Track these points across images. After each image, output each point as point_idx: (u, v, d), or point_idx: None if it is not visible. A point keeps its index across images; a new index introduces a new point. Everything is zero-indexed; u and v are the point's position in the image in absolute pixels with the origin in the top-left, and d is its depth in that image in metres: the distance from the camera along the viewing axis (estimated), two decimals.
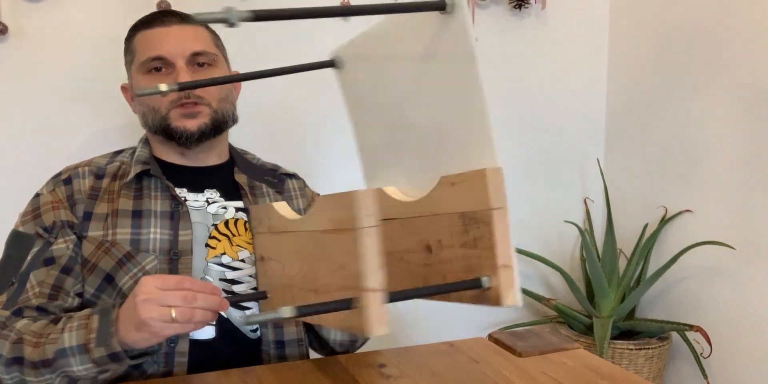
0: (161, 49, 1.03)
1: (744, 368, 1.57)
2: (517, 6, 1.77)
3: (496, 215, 0.59)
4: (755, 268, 1.53)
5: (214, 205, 1.06)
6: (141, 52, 1.05)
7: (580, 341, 1.73)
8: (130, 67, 1.08)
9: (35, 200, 1.03)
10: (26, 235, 0.98)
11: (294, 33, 1.62)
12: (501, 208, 0.59)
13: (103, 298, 0.98)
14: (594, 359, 0.93)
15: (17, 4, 1.40)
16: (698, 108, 1.66)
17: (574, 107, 1.93)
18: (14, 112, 1.44)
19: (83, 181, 1.03)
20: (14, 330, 0.89)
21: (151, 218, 1.01)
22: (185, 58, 1.04)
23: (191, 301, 0.77)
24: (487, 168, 0.59)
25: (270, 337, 1.03)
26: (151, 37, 1.05)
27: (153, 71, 1.04)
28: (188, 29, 1.06)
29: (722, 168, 1.60)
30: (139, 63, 1.05)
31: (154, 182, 1.04)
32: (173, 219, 1.02)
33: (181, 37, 1.05)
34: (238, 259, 1.04)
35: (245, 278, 1.03)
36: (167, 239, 1.00)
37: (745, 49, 1.53)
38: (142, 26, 1.07)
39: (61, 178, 1.04)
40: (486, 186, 0.59)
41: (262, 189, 1.12)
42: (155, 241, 1.00)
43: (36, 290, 0.94)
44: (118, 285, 0.97)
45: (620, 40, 1.90)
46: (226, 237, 1.04)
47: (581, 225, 1.96)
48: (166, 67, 1.04)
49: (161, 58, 1.03)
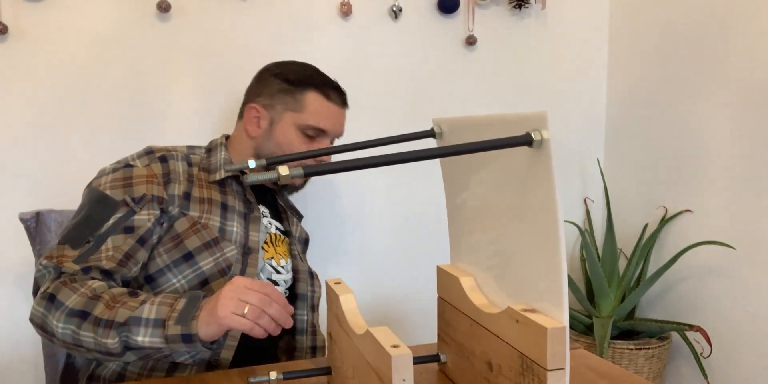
0: (330, 127, 1.20)
1: (744, 368, 1.57)
2: (517, 6, 1.77)
3: (551, 377, 0.60)
4: (755, 268, 1.53)
5: (265, 219, 1.21)
6: (313, 116, 1.18)
7: (580, 341, 1.73)
8: (285, 109, 1.19)
9: (127, 170, 1.07)
10: (113, 200, 1.03)
11: (290, 33, 1.62)
12: (560, 369, 0.60)
13: (175, 272, 1.06)
14: (594, 359, 0.93)
15: (17, 4, 1.40)
16: (698, 108, 1.66)
17: (574, 107, 1.93)
18: (14, 111, 1.44)
19: (178, 163, 1.12)
20: (88, 287, 0.92)
21: (234, 213, 1.13)
22: (336, 138, 1.25)
23: (266, 306, 0.85)
24: (549, 328, 0.60)
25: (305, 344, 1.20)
26: (330, 112, 1.20)
27: (308, 134, 1.19)
28: (345, 115, 1.25)
29: (722, 168, 1.60)
30: (305, 122, 1.18)
31: (234, 185, 1.17)
32: (246, 219, 1.15)
33: (342, 122, 1.24)
34: (280, 265, 1.19)
35: (282, 282, 1.19)
36: (243, 235, 1.13)
37: (745, 49, 1.53)
38: (321, 90, 1.19)
39: (156, 155, 1.11)
40: (545, 344, 0.60)
41: (292, 218, 1.29)
42: (236, 234, 1.12)
43: (110, 253, 0.99)
44: (197, 263, 1.06)
45: (620, 40, 1.90)
46: (272, 245, 1.19)
47: (581, 225, 1.96)
48: (318, 137, 1.20)
49: (324, 132, 1.20)
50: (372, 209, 1.75)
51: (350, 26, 1.66)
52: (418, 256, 1.79)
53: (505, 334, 0.68)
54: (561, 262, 0.61)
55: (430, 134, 0.85)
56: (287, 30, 1.61)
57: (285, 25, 1.61)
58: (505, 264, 0.73)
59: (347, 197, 1.72)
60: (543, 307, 0.64)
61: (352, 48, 1.67)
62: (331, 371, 0.86)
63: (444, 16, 1.74)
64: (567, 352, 0.60)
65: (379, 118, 1.72)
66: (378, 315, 1.80)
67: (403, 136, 0.82)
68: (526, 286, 0.68)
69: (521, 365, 0.65)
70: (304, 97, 1.18)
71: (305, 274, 1.24)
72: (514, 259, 0.70)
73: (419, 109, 1.75)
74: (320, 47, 1.64)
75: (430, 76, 1.75)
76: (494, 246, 0.75)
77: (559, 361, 0.60)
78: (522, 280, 0.69)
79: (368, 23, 1.68)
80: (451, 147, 0.62)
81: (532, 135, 0.61)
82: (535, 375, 0.62)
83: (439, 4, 1.71)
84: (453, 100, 1.79)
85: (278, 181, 0.57)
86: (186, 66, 1.54)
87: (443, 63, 1.76)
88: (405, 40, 1.72)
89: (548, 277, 0.63)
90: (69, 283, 0.92)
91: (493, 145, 0.62)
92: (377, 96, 1.71)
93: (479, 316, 0.74)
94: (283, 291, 1.19)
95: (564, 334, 0.60)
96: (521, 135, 0.62)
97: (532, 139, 0.61)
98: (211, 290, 1.06)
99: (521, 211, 0.68)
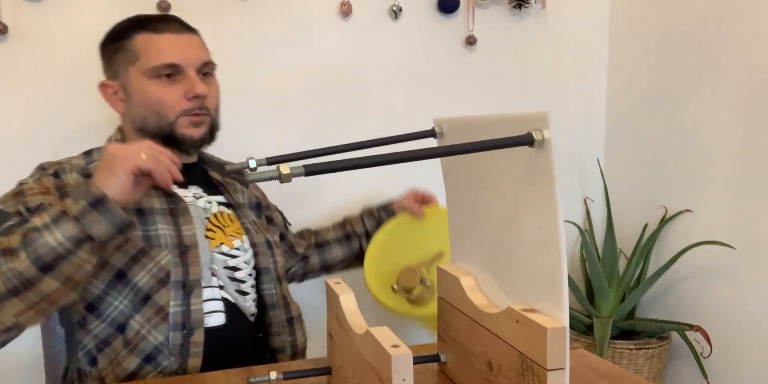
0: (175, 57, 1.06)
1: (744, 368, 1.57)
2: (517, 6, 1.77)
3: (551, 377, 0.60)
4: (755, 268, 1.53)
5: (202, 200, 1.13)
6: (150, 57, 1.06)
7: (580, 341, 1.73)
8: (125, 66, 1.08)
9: (19, 186, 1.02)
10: (4, 211, 0.95)
11: (290, 33, 1.62)
12: (560, 369, 0.60)
13: (113, 294, 1.00)
14: (594, 359, 0.93)
15: (17, 4, 1.40)
16: (698, 108, 1.66)
17: (574, 107, 1.93)
18: (14, 111, 1.44)
19: (71, 175, 1.05)
20: None
21: (155, 215, 1.05)
22: (196, 67, 1.09)
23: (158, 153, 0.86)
24: (549, 327, 0.60)
25: (281, 317, 1.14)
26: (163, 43, 1.06)
27: (162, 77, 1.07)
28: (195, 38, 1.12)
29: (722, 168, 1.60)
30: (147, 67, 1.06)
31: None
32: (173, 215, 1.06)
33: (192, 46, 1.09)
34: (234, 247, 1.11)
35: (242, 265, 1.11)
36: (173, 234, 1.04)
37: (746, 49, 1.53)
38: (146, 29, 1.08)
39: (47, 171, 1.05)
40: (545, 344, 0.60)
41: (235, 185, 1.20)
42: (165, 237, 1.03)
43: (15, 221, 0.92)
44: (132, 280, 1.00)
45: (620, 40, 1.90)
46: (219, 228, 1.11)
47: (581, 225, 1.96)
48: (176, 75, 1.07)
49: (174, 66, 1.06)
50: None
51: (350, 26, 1.66)
52: None
53: (505, 334, 0.68)
54: (561, 262, 0.61)
55: (431, 134, 0.85)
56: (287, 30, 1.61)
57: (285, 25, 1.61)
58: (505, 264, 0.73)
59: (347, 197, 1.72)
60: (543, 307, 0.65)
61: (352, 48, 1.67)
62: (331, 371, 0.86)
63: (444, 16, 1.74)
64: (567, 352, 0.60)
65: (379, 118, 1.72)
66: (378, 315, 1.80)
67: (404, 136, 0.82)
68: (526, 286, 0.68)
69: (521, 365, 0.65)
70: (133, 43, 1.07)
71: (263, 246, 1.15)
72: (514, 259, 0.70)
73: (419, 109, 1.75)
74: (320, 47, 1.64)
75: (430, 76, 1.75)
76: (494, 246, 0.75)
77: (559, 361, 0.60)
78: (522, 280, 0.69)
79: (368, 23, 1.68)
80: (452, 146, 0.62)
81: (533, 135, 0.61)
82: (535, 375, 0.62)
83: (439, 4, 1.71)
84: (453, 100, 1.79)
85: (279, 180, 0.57)
86: None
87: (443, 63, 1.76)
88: (405, 40, 1.72)
89: (548, 277, 0.63)
90: None
91: (494, 144, 0.62)
92: (377, 96, 1.71)
93: (479, 316, 0.74)
94: (249, 271, 1.12)
95: (564, 334, 0.60)
96: (522, 135, 0.62)
97: (533, 139, 0.61)
98: (156, 304, 1.00)
99: (522, 211, 0.68)
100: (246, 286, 1.11)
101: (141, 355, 1.00)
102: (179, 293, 1.02)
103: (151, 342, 1.00)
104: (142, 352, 0.99)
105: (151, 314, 1.00)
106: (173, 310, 1.01)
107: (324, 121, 1.67)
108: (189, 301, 1.02)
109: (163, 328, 1.00)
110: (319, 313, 1.28)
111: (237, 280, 1.10)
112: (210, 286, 1.07)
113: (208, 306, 1.05)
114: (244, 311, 1.10)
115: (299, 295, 1.67)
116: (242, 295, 1.10)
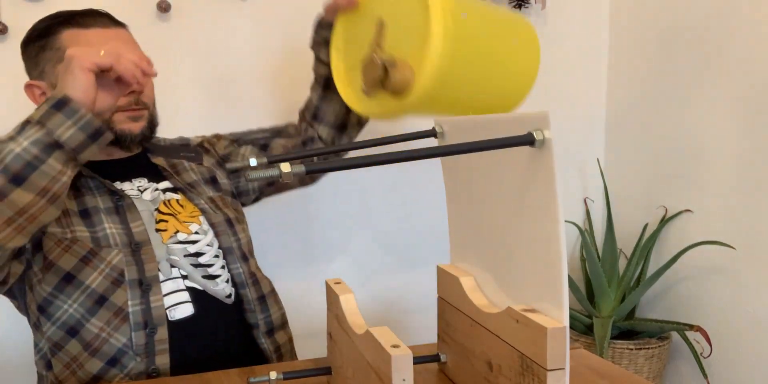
0: None
1: (744, 368, 1.57)
2: (517, 6, 1.77)
3: (551, 377, 0.60)
4: (755, 268, 1.53)
5: (148, 192, 1.09)
6: None
7: (580, 341, 1.73)
8: (54, 64, 1.03)
9: None
10: None
11: (291, 33, 1.62)
12: (560, 369, 0.60)
13: (62, 298, 0.98)
14: (594, 359, 0.93)
15: (17, 4, 1.40)
16: (698, 108, 1.66)
17: (574, 107, 1.93)
18: (14, 111, 1.43)
19: None
20: None
21: (101, 215, 1.02)
22: None
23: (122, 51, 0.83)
24: (549, 328, 0.60)
25: (251, 295, 1.09)
26: (92, 39, 1.02)
27: None
28: (124, 33, 1.07)
29: (722, 168, 1.60)
30: None
31: (86, 181, 1.05)
32: (119, 213, 1.03)
33: (122, 41, 1.04)
34: (192, 233, 1.07)
35: (205, 248, 1.07)
36: (123, 232, 1.01)
37: (746, 49, 1.53)
38: (73, 24, 1.03)
39: None
40: (545, 344, 0.60)
41: (184, 165, 1.16)
42: (113, 236, 1.01)
43: None
44: (84, 283, 0.97)
45: (620, 39, 1.90)
46: (171, 216, 1.08)
47: (581, 225, 1.96)
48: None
49: None
50: (372, 209, 1.75)
51: None
52: (418, 256, 1.79)
53: (505, 334, 0.68)
54: (561, 262, 0.61)
55: (431, 134, 0.85)
56: (287, 30, 1.61)
57: (285, 24, 1.61)
58: (505, 264, 0.73)
59: (347, 197, 1.72)
60: (543, 307, 0.65)
61: None
62: (331, 371, 0.86)
63: None
64: (567, 352, 0.60)
65: None
66: (378, 315, 1.80)
67: (404, 136, 0.82)
68: (527, 286, 0.68)
69: (521, 365, 0.65)
70: (59, 40, 1.02)
71: (222, 225, 1.11)
72: (515, 259, 0.70)
73: None
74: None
75: None
76: (494, 246, 0.76)
77: (559, 361, 0.60)
78: (522, 280, 0.69)
79: None
80: (453, 146, 0.62)
81: (533, 135, 0.61)
82: (535, 375, 0.62)
83: None
84: None
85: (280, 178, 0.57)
86: (186, 66, 1.54)
87: None
88: None
89: (548, 277, 0.63)
90: None
91: (495, 144, 0.62)
92: None
93: (479, 316, 0.74)
94: (214, 253, 1.08)
95: (564, 334, 0.60)
96: (523, 134, 0.62)
97: (534, 139, 0.61)
98: (113, 305, 0.98)
99: (522, 210, 0.68)
100: (215, 269, 1.07)
101: (104, 358, 0.97)
102: (136, 292, 0.99)
103: (114, 344, 0.97)
104: (104, 355, 0.97)
105: (109, 316, 0.97)
106: (132, 310, 0.98)
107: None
108: (148, 298, 0.99)
109: (125, 329, 0.97)
110: (319, 313, 1.28)
111: (203, 266, 1.06)
112: (171, 279, 1.02)
113: (171, 299, 1.01)
114: (216, 295, 1.06)
115: (299, 295, 1.67)
116: (212, 280, 1.06)
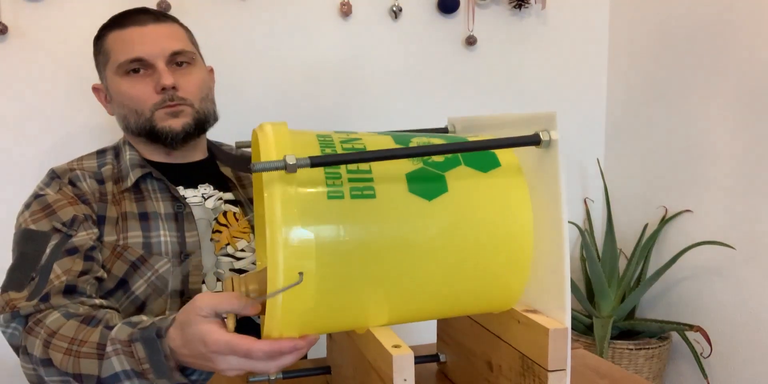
0: (139, 51, 1.01)
1: (744, 368, 1.57)
2: (517, 6, 1.77)
3: (552, 378, 0.60)
4: (755, 268, 1.53)
5: (211, 200, 1.08)
6: (117, 54, 1.02)
7: (581, 341, 1.73)
8: (104, 68, 1.06)
9: (41, 199, 0.97)
10: (40, 232, 0.93)
11: (291, 33, 1.62)
12: (561, 370, 0.60)
13: (111, 301, 0.97)
14: (594, 359, 0.93)
15: (17, 4, 1.40)
16: (698, 108, 1.66)
17: (574, 107, 1.93)
18: (14, 111, 1.43)
19: (86, 183, 1.01)
20: (44, 326, 0.82)
21: (158, 221, 1.01)
22: (165, 58, 1.02)
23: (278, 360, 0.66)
24: (551, 328, 0.60)
25: None
26: (127, 38, 1.02)
27: (131, 73, 1.02)
28: (164, 28, 1.05)
29: (722, 168, 1.60)
30: (116, 65, 1.02)
31: (152, 184, 1.04)
32: (178, 220, 1.02)
33: (158, 37, 1.03)
34: (239, 249, 1.07)
35: (249, 266, 1.06)
36: (176, 241, 1.01)
37: (746, 50, 1.53)
38: (115, 26, 1.05)
39: (62, 180, 1.01)
40: (547, 345, 0.60)
41: (250, 179, 1.13)
42: (166, 244, 1.00)
43: (62, 278, 0.89)
44: (130, 289, 0.98)
45: (620, 40, 1.90)
46: (225, 227, 1.07)
47: (581, 225, 1.96)
48: (145, 69, 1.02)
49: (140, 60, 1.01)
50: None
51: (350, 26, 1.66)
52: None
53: (505, 335, 0.68)
54: (564, 262, 0.61)
55: (443, 131, 0.85)
56: (287, 30, 1.61)
57: (285, 24, 1.61)
58: None
59: None
60: (544, 308, 0.64)
61: (352, 48, 1.67)
62: (331, 371, 0.86)
63: (444, 16, 1.74)
64: (569, 353, 0.60)
65: (379, 118, 1.72)
66: None
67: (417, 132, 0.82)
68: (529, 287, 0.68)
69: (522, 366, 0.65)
70: (105, 44, 1.05)
71: None
72: None
73: (419, 109, 1.75)
74: (320, 47, 1.64)
75: (430, 76, 1.75)
76: None
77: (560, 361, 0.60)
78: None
79: (368, 23, 1.68)
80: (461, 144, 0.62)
81: (540, 135, 0.61)
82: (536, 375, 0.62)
83: (439, 4, 1.71)
84: (453, 100, 1.79)
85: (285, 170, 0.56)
86: None
87: (443, 63, 1.76)
88: (405, 40, 1.72)
89: (550, 277, 0.63)
90: (33, 328, 0.83)
91: (502, 144, 0.62)
92: (377, 96, 1.71)
93: (480, 316, 0.74)
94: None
95: (566, 335, 0.60)
96: (530, 135, 0.62)
97: (540, 140, 0.61)
98: (152, 313, 0.96)
99: None
100: None
101: None
102: (176, 303, 0.99)
103: None
104: None
105: None
106: None
107: (324, 121, 1.67)
108: None
109: None
110: None
111: None
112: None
113: None
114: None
115: None
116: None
